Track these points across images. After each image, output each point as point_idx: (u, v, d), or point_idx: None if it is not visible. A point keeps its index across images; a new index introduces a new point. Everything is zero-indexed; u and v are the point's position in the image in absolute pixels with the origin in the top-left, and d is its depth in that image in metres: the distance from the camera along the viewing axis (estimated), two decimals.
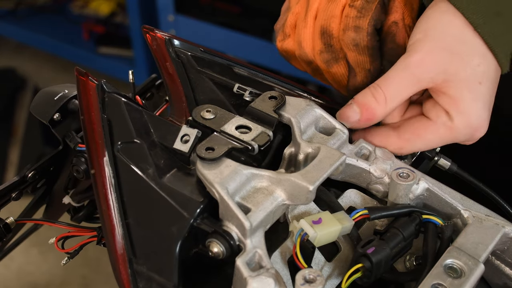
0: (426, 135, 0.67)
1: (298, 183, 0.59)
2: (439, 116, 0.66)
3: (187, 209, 0.58)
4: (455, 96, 0.65)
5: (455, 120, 0.65)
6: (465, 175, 0.73)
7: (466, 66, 0.64)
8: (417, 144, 0.68)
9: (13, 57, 3.23)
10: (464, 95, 0.64)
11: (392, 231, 0.61)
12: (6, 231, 0.73)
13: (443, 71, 0.64)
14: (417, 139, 0.68)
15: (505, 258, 0.64)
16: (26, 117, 2.79)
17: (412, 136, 0.68)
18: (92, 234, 0.74)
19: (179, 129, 0.63)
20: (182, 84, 0.74)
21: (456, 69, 0.64)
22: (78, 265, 2.18)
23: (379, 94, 0.66)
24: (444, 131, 0.66)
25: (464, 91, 0.64)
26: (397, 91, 0.66)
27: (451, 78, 0.64)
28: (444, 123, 0.66)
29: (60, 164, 0.78)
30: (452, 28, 0.64)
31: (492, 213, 0.63)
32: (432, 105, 0.68)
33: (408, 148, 0.69)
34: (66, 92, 0.76)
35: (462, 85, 0.64)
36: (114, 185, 0.62)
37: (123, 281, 0.60)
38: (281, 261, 0.61)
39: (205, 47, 0.75)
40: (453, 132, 0.66)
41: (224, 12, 2.45)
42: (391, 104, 0.66)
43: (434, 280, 0.55)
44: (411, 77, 0.65)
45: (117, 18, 2.97)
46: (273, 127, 0.66)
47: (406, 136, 0.68)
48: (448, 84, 0.64)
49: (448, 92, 0.65)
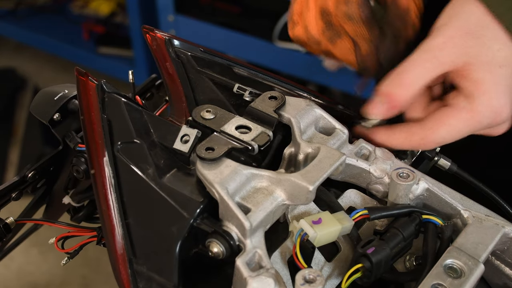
0: (449, 120, 0.66)
1: (298, 183, 0.59)
2: (460, 102, 0.66)
3: (187, 209, 0.58)
4: (476, 79, 0.65)
5: (476, 102, 0.65)
6: (465, 175, 0.73)
7: (487, 50, 0.65)
8: (440, 132, 0.67)
9: (13, 57, 3.23)
10: (485, 77, 0.65)
11: (392, 231, 0.61)
12: (6, 231, 0.73)
13: (465, 53, 0.65)
14: (440, 126, 0.67)
15: (505, 258, 0.64)
16: (26, 117, 2.79)
17: (435, 124, 0.67)
18: (92, 234, 0.74)
19: (179, 129, 0.63)
20: (182, 84, 0.74)
21: (478, 53, 0.65)
22: (78, 265, 2.18)
23: (401, 78, 0.66)
24: (466, 115, 0.66)
25: (485, 73, 0.65)
26: (419, 73, 0.66)
27: (472, 60, 0.65)
28: (465, 106, 0.66)
29: (60, 164, 0.78)
30: (474, 16, 0.66)
31: (492, 213, 0.63)
32: (453, 96, 0.68)
33: (431, 137, 0.67)
34: (66, 92, 0.76)
35: (483, 67, 0.65)
36: (114, 185, 0.62)
37: (123, 281, 0.60)
38: (281, 261, 0.61)
39: (205, 47, 0.75)
40: (475, 116, 0.65)
41: (224, 12, 2.45)
42: (414, 87, 0.66)
43: (434, 280, 0.55)
44: (433, 59, 0.66)
45: (117, 18, 2.96)
46: (273, 127, 0.66)
47: (428, 125, 0.67)
48: (469, 67, 0.65)
49: (469, 76, 0.65)
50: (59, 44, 2.87)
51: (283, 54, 2.20)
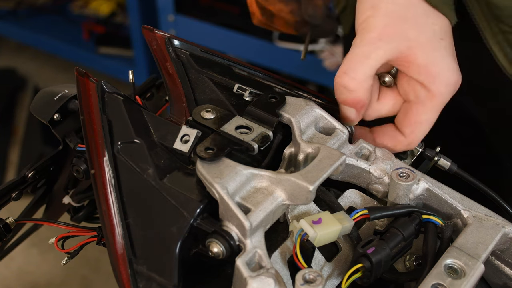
0: (421, 118, 0.68)
1: (298, 183, 0.59)
2: (418, 94, 0.67)
3: (187, 209, 0.58)
4: (424, 63, 0.65)
5: (434, 87, 0.66)
6: (465, 175, 0.73)
7: (424, 28, 0.66)
8: (421, 131, 0.69)
9: (13, 57, 3.23)
10: (431, 57, 0.65)
11: (392, 231, 0.61)
12: (6, 231, 0.73)
13: (405, 38, 0.65)
14: (417, 127, 0.68)
15: (505, 258, 0.64)
16: (26, 117, 2.79)
17: (412, 128, 0.69)
18: (92, 234, 0.74)
19: (179, 129, 0.63)
20: (182, 84, 0.74)
21: (416, 33, 0.65)
22: (78, 265, 2.18)
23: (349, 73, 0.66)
24: (431, 103, 0.67)
25: (429, 53, 0.65)
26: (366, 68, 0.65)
27: (414, 44, 0.65)
28: (426, 96, 0.67)
29: (60, 164, 0.78)
30: None
31: (492, 213, 0.63)
32: (406, 83, 0.68)
33: (416, 139, 0.70)
34: (66, 92, 0.76)
35: (426, 48, 0.65)
36: (114, 185, 0.62)
37: (123, 281, 0.60)
38: (281, 261, 0.61)
39: (205, 47, 0.75)
40: (439, 98, 0.67)
41: (224, 12, 2.45)
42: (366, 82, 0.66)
43: (434, 280, 0.55)
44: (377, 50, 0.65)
45: (117, 18, 2.97)
46: (273, 127, 0.66)
47: (408, 131, 0.69)
48: (413, 51, 0.65)
49: (416, 61, 0.66)
50: (59, 44, 2.87)
51: (283, 54, 2.20)
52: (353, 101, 0.67)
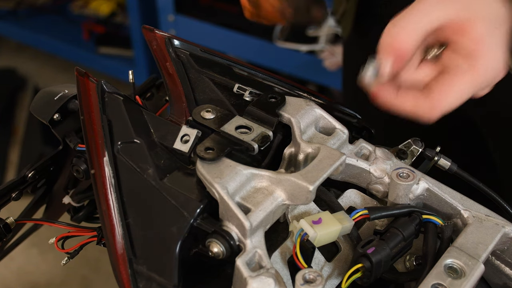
0: (455, 87, 0.65)
1: (298, 183, 0.59)
2: (461, 64, 0.65)
3: (187, 209, 0.58)
4: (478, 38, 0.64)
5: (478, 63, 0.64)
6: (465, 175, 0.73)
7: (489, 7, 0.64)
8: (448, 100, 0.65)
9: (13, 57, 3.23)
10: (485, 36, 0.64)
11: (392, 231, 0.61)
12: (6, 231, 0.73)
13: (467, 7, 0.64)
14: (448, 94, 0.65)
15: (505, 258, 0.64)
16: (26, 117, 2.79)
17: (443, 93, 0.65)
18: (92, 234, 0.74)
19: (179, 129, 0.63)
20: (182, 84, 0.74)
21: (480, 8, 0.64)
22: (78, 265, 2.18)
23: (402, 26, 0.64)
24: (470, 77, 0.64)
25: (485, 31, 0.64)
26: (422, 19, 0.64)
27: (474, 16, 0.63)
28: (468, 69, 0.64)
29: (60, 164, 0.78)
30: None
31: (492, 213, 0.63)
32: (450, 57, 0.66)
33: (439, 107, 0.65)
34: (66, 92, 0.76)
35: (484, 25, 0.64)
36: (114, 185, 0.62)
37: (123, 281, 0.59)
38: (281, 261, 0.61)
39: (205, 47, 0.75)
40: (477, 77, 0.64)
41: (224, 12, 2.45)
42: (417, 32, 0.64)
43: (434, 280, 0.55)
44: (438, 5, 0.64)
45: (117, 18, 2.96)
46: (273, 127, 0.66)
47: (434, 95, 0.65)
48: (471, 23, 0.63)
49: (471, 33, 0.64)
50: (59, 44, 2.87)
51: (283, 54, 2.20)
52: (396, 48, 0.64)
